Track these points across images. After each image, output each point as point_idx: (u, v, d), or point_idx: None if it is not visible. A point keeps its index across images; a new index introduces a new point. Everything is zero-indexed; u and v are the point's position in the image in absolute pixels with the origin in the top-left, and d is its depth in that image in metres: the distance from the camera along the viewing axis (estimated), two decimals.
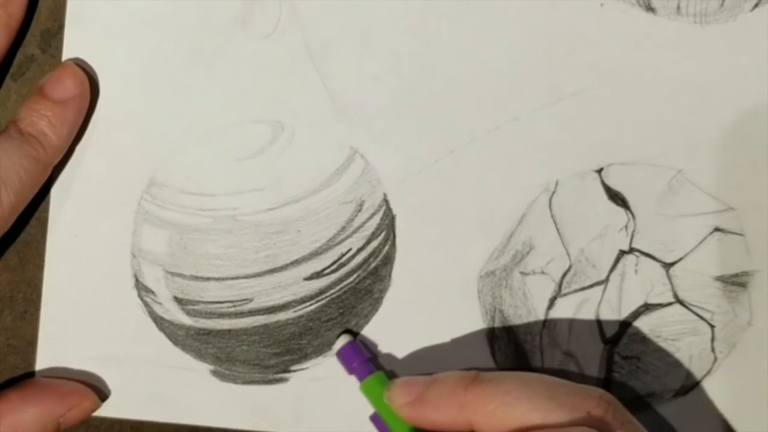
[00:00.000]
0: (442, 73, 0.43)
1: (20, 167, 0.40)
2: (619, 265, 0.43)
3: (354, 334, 0.43)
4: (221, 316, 0.42)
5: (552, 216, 0.43)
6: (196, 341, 0.43)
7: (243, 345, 0.43)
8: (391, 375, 0.42)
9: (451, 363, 0.42)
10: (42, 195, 0.42)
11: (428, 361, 0.42)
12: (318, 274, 0.42)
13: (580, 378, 0.43)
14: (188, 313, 0.43)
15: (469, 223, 0.43)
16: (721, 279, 0.43)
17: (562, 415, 0.36)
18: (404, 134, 0.43)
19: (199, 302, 0.42)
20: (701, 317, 0.43)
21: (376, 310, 0.43)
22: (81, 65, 0.42)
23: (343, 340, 0.42)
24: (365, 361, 0.42)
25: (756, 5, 0.43)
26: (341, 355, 0.42)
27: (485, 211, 0.43)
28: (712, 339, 0.43)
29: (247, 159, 0.43)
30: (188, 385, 0.43)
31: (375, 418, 0.41)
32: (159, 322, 0.43)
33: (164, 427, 0.43)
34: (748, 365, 0.43)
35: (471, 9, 0.43)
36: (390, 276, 0.43)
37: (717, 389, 0.43)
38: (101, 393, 0.42)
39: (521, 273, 0.43)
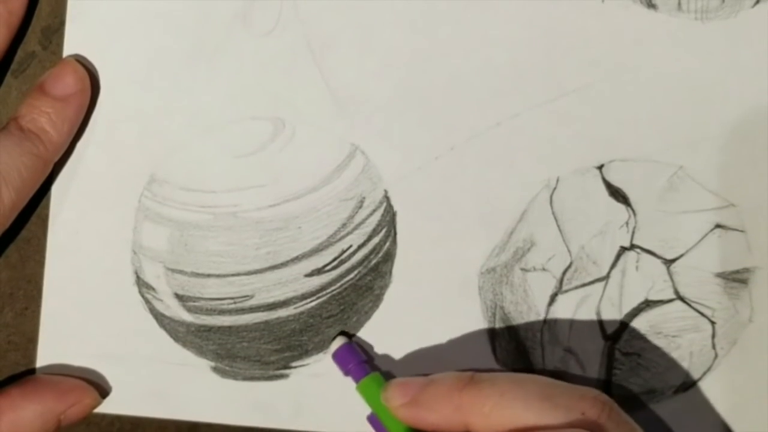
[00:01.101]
0: (443, 69, 0.43)
1: (21, 164, 0.40)
2: (620, 262, 0.43)
3: (350, 336, 0.43)
4: (222, 312, 0.42)
5: (553, 212, 0.43)
6: (196, 338, 0.43)
7: (243, 341, 0.43)
8: (388, 375, 0.42)
9: (452, 360, 0.42)
10: (43, 192, 0.42)
11: (428, 359, 0.42)
12: (319, 271, 0.42)
13: (581, 375, 0.43)
14: (189, 309, 0.42)
15: (470, 219, 0.43)
16: (722, 275, 0.43)
17: (557, 416, 0.36)
18: (405, 131, 0.43)
19: (199, 299, 0.42)
20: (702, 314, 0.43)
21: (377, 307, 0.43)
22: (82, 62, 0.42)
23: (338, 342, 0.42)
24: (361, 362, 0.42)
25: (757, 1, 0.43)
26: (337, 356, 0.42)
27: (486, 207, 0.43)
28: (713, 336, 0.43)
29: (248, 156, 0.43)
30: (189, 382, 0.43)
31: (372, 419, 0.41)
32: (160, 318, 0.43)
33: (165, 424, 0.43)
34: (749, 362, 0.43)
35: (472, 5, 0.43)
36: (391, 273, 0.43)
37: (717, 386, 0.43)
38: (102, 390, 0.42)
39: (522, 269, 0.43)
